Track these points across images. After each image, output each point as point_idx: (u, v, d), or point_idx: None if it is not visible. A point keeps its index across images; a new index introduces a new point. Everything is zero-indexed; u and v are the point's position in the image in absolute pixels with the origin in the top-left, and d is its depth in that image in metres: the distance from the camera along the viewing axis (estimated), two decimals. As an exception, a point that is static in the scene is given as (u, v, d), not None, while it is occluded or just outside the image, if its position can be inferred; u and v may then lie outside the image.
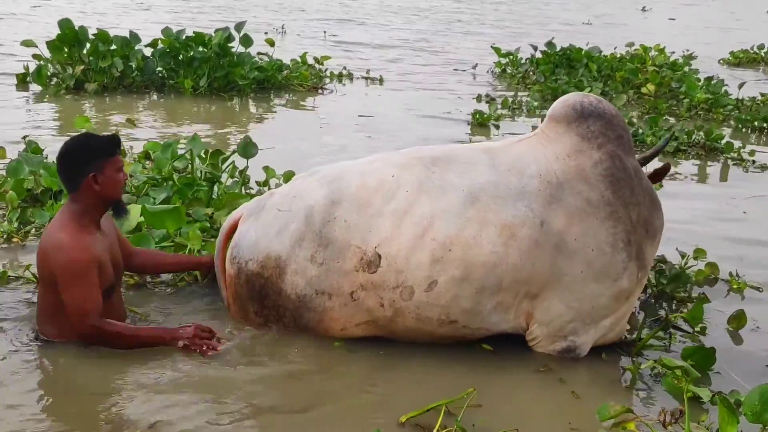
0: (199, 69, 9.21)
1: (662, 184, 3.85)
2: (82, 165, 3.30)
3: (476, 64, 12.65)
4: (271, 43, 10.37)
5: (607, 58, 11.94)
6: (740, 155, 7.85)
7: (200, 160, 5.70)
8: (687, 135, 8.07)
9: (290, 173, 5.34)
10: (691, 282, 4.57)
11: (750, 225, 5.94)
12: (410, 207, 3.48)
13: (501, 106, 9.50)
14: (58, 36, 8.82)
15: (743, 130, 9.18)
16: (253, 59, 9.80)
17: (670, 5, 28.71)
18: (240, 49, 9.57)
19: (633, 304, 3.78)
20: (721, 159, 7.84)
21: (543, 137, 3.69)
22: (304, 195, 3.63)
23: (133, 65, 9.15)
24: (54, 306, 3.38)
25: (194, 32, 9.40)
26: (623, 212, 3.56)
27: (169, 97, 9.05)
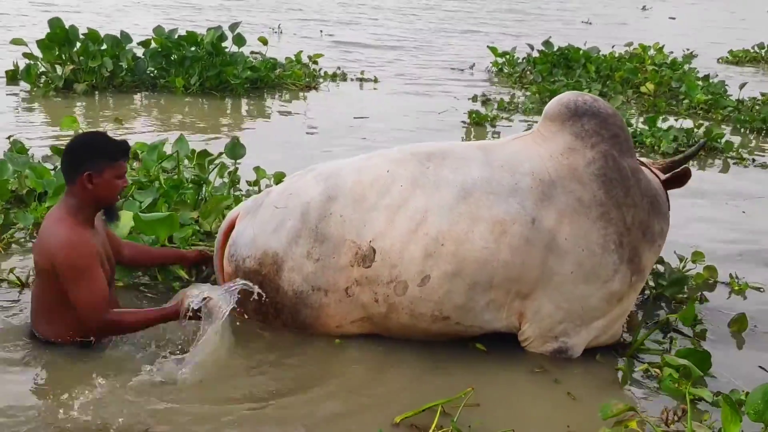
0: (191, 68, 9.11)
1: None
2: (82, 161, 3.30)
3: (473, 64, 12.56)
4: (264, 42, 10.28)
5: (606, 58, 11.86)
6: (740, 154, 7.84)
7: (188, 160, 5.59)
8: (686, 134, 8.02)
9: (281, 174, 5.34)
10: (690, 285, 4.53)
11: (750, 225, 5.93)
12: (404, 202, 3.48)
13: (497, 107, 9.44)
14: (48, 35, 8.70)
15: (742, 131, 9.13)
16: (247, 59, 9.70)
17: (671, 4, 28.75)
18: (233, 49, 9.48)
19: (627, 308, 3.72)
20: (721, 158, 7.82)
21: (538, 136, 3.67)
22: (301, 192, 3.63)
23: (124, 65, 9.05)
24: (52, 303, 3.35)
25: (187, 31, 9.29)
26: (615, 213, 3.52)
27: (160, 97, 8.95)
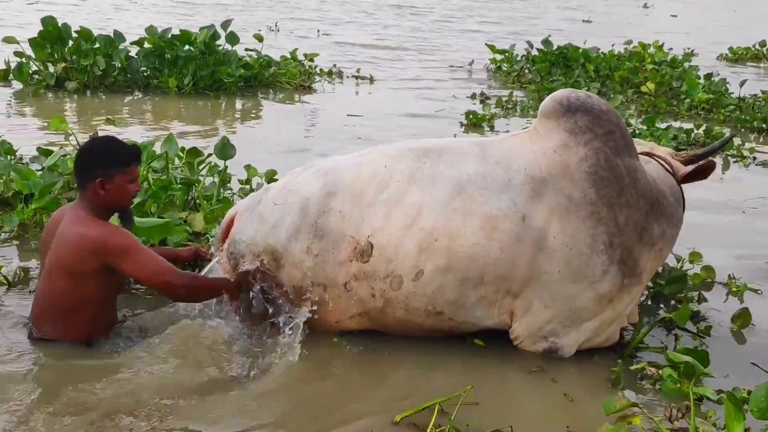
0: (184, 68, 9.02)
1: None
2: (93, 167, 3.34)
3: (472, 60, 12.46)
4: (260, 39, 10.18)
5: (605, 57, 11.74)
6: (740, 152, 7.80)
7: (179, 159, 5.52)
8: (686, 134, 7.94)
9: (272, 172, 5.34)
10: (688, 285, 4.50)
11: (750, 224, 5.91)
12: (401, 197, 3.47)
13: (495, 106, 9.36)
14: (41, 33, 8.62)
15: (742, 130, 9.05)
16: (241, 57, 9.59)
17: (673, 2, 28.57)
18: (227, 47, 9.37)
19: (620, 310, 3.64)
20: (722, 156, 7.73)
21: (534, 133, 3.65)
22: (300, 188, 3.61)
23: (117, 64, 8.96)
24: (74, 303, 3.34)
25: (180, 30, 9.19)
26: (606, 213, 3.46)
27: (154, 97, 8.87)
